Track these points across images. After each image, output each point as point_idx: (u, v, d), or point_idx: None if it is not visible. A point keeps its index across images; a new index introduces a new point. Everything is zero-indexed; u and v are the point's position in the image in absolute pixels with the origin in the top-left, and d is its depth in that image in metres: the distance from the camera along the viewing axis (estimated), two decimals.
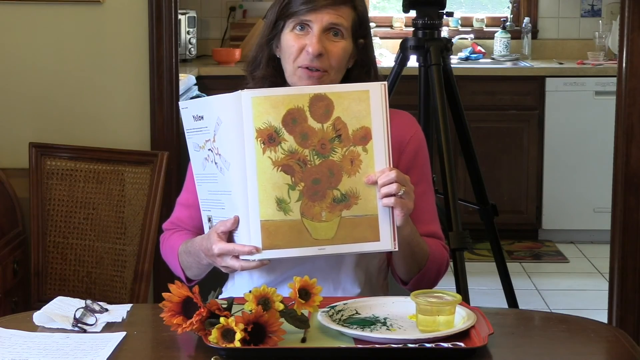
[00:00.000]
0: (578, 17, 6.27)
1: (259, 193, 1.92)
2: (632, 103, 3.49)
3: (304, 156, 1.93)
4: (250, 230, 1.94)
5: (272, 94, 1.93)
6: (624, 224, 3.53)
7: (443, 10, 3.75)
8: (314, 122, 1.93)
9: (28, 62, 3.47)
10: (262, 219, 1.93)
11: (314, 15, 2.13)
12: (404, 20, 6.25)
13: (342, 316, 1.94)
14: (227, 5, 6.21)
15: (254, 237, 1.93)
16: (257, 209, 1.93)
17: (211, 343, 1.76)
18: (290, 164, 1.93)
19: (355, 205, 1.95)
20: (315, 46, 2.12)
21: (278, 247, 1.94)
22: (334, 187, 1.94)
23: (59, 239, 3.26)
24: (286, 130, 1.92)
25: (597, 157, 5.64)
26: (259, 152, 1.92)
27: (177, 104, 3.50)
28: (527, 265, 5.42)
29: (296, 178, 1.93)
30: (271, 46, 2.22)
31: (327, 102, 1.93)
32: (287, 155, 1.92)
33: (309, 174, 1.93)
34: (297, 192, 1.93)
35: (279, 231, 1.93)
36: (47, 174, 3.27)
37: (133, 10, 3.44)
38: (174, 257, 2.23)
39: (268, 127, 1.91)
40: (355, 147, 1.94)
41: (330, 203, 1.94)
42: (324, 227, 1.94)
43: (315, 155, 1.93)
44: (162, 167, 3.19)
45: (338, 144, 1.94)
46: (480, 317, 1.91)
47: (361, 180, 1.95)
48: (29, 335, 1.89)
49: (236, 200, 1.95)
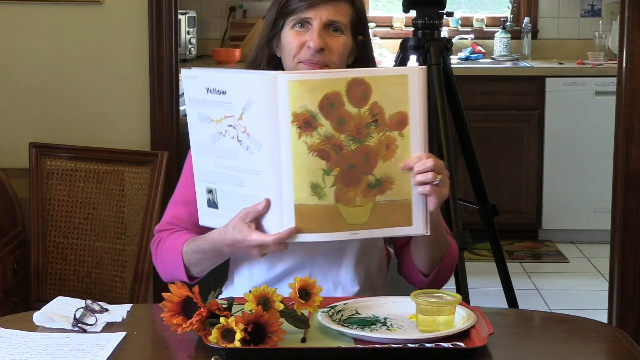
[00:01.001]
0: (578, 17, 6.27)
1: (294, 177, 1.89)
2: (632, 103, 3.49)
3: (340, 141, 1.89)
4: (283, 214, 1.91)
5: (309, 78, 1.89)
6: (624, 224, 3.53)
7: (443, 10, 3.75)
8: (350, 106, 1.89)
9: (28, 62, 3.47)
10: (296, 202, 1.90)
11: (313, 11, 2.15)
12: (404, 20, 6.25)
13: (342, 316, 1.94)
14: (227, 5, 6.21)
15: (287, 221, 1.91)
16: (291, 192, 1.90)
17: (211, 343, 1.76)
18: (326, 149, 1.89)
19: (389, 190, 1.92)
20: (316, 41, 2.14)
21: (311, 231, 1.92)
22: (368, 173, 1.91)
23: (59, 239, 3.26)
24: (323, 114, 1.88)
25: (597, 157, 5.64)
26: (295, 136, 1.88)
27: (177, 104, 3.51)
28: (527, 265, 5.42)
29: (331, 163, 1.90)
30: (271, 46, 2.23)
31: (365, 86, 1.89)
32: (323, 140, 1.89)
33: (344, 159, 1.90)
34: (332, 178, 1.90)
35: (312, 215, 1.91)
36: (47, 174, 3.27)
37: (133, 10, 3.44)
38: (175, 257, 2.19)
39: (304, 111, 1.87)
40: (392, 132, 1.91)
41: (365, 188, 1.91)
42: (358, 212, 1.92)
43: (351, 141, 1.90)
44: (162, 167, 3.19)
45: (374, 129, 1.90)
46: (480, 317, 1.91)
47: (396, 165, 1.92)
48: (29, 335, 1.89)
49: (267, 182, 1.92)
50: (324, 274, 2.18)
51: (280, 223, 1.92)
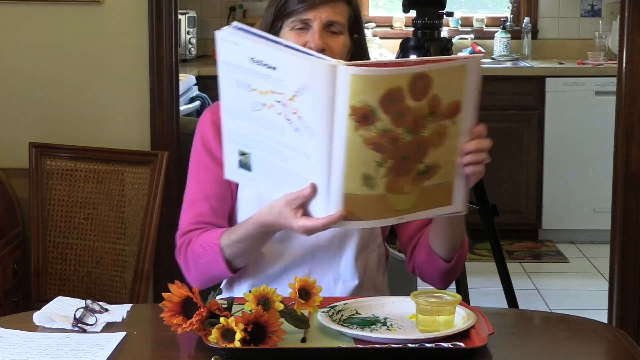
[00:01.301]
0: (578, 17, 6.27)
1: (345, 168, 1.86)
2: (632, 103, 3.49)
3: (396, 134, 1.85)
4: (330, 201, 1.89)
5: (371, 73, 1.82)
6: (624, 224, 3.53)
7: (443, 10, 3.75)
8: (411, 100, 1.84)
9: (28, 62, 3.47)
10: (345, 192, 1.88)
11: (313, 12, 2.16)
12: (404, 20, 6.25)
13: (342, 316, 1.94)
14: (227, 5, 6.22)
15: (333, 208, 1.89)
16: (341, 182, 1.87)
17: (211, 343, 1.76)
18: (381, 142, 1.85)
19: (436, 175, 1.90)
20: (318, 41, 2.15)
21: (358, 219, 1.90)
22: (419, 162, 1.88)
23: (59, 239, 3.26)
24: (382, 109, 1.83)
25: (597, 157, 5.64)
26: (351, 129, 1.83)
27: (177, 104, 3.51)
28: (527, 265, 5.42)
29: (385, 155, 1.86)
30: None
31: (427, 80, 1.83)
32: (379, 134, 1.84)
33: (398, 151, 1.86)
34: (385, 169, 1.87)
35: (360, 204, 1.88)
36: (47, 174, 3.27)
37: (133, 10, 3.44)
38: (213, 254, 2.14)
39: (364, 105, 1.82)
40: (445, 121, 1.87)
41: (414, 176, 1.88)
42: (406, 199, 1.90)
43: (407, 133, 1.85)
44: (162, 167, 3.19)
45: (431, 120, 1.86)
46: (480, 317, 1.91)
47: (444, 151, 1.89)
48: (29, 335, 1.89)
49: (316, 167, 1.89)
50: (325, 267, 2.19)
51: (326, 209, 1.90)
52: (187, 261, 2.19)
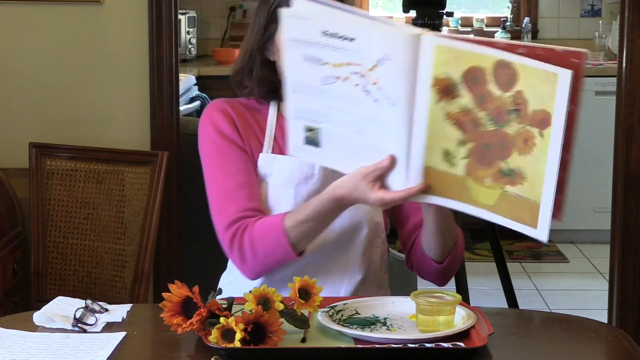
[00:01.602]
0: (578, 17, 6.27)
1: (427, 139, 1.84)
2: (632, 103, 3.49)
3: (478, 117, 1.81)
4: (410, 173, 1.87)
5: (457, 47, 1.79)
6: (624, 224, 3.53)
7: (443, 10, 3.75)
8: (494, 87, 1.79)
9: (28, 62, 3.47)
10: (426, 164, 1.86)
11: None
12: (404, 20, 6.25)
13: (342, 316, 1.94)
14: (227, 5, 6.22)
15: (413, 180, 1.87)
16: (422, 153, 1.85)
17: (211, 343, 1.76)
18: (463, 120, 1.81)
19: (520, 185, 1.82)
20: None
21: (438, 195, 1.88)
22: (502, 159, 1.82)
23: (59, 239, 3.26)
24: (465, 86, 1.79)
25: (597, 157, 5.64)
26: (433, 100, 1.81)
27: (177, 104, 3.51)
28: (527, 265, 5.42)
29: (467, 136, 1.82)
30: (263, 51, 2.23)
31: (512, 72, 1.77)
32: (462, 111, 1.81)
33: (480, 136, 1.82)
34: (466, 150, 1.83)
35: (439, 180, 1.86)
36: (47, 174, 3.27)
37: (133, 10, 3.44)
38: (275, 238, 2.09)
39: (447, 77, 1.80)
40: (532, 128, 1.79)
41: (496, 172, 1.83)
42: (485, 193, 1.85)
43: (490, 121, 1.81)
44: (162, 167, 3.19)
45: (515, 118, 1.80)
46: (480, 317, 1.91)
47: (531, 163, 1.81)
48: (29, 335, 1.89)
49: (396, 139, 1.86)
50: (333, 261, 2.20)
51: (405, 181, 1.88)
52: (242, 251, 2.14)
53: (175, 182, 3.45)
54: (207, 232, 2.43)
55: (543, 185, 1.81)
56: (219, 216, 2.18)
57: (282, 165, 2.22)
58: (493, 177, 1.84)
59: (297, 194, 2.19)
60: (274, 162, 2.22)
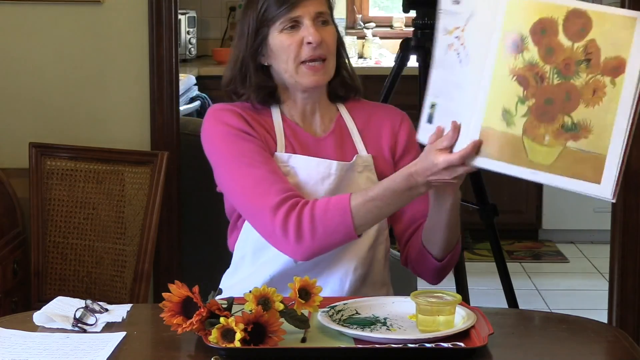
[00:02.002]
0: None
1: (488, 97, 1.81)
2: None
3: (544, 72, 1.77)
4: (469, 133, 1.85)
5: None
6: (624, 224, 3.53)
7: None
8: (564, 38, 1.74)
9: (28, 62, 3.47)
10: (484, 124, 1.83)
11: (301, 9, 2.17)
12: (404, 20, 6.25)
13: (342, 316, 1.94)
14: (227, 5, 6.22)
15: (469, 140, 1.85)
16: (483, 113, 1.82)
17: (211, 343, 1.76)
18: (527, 76, 1.78)
19: (584, 138, 1.76)
20: (316, 35, 2.17)
21: (492, 157, 1.85)
22: (566, 113, 1.77)
23: (59, 239, 3.26)
24: (532, 39, 1.76)
25: None
26: (500, 55, 1.78)
27: (177, 104, 3.51)
28: (527, 265, 5.42)
29: (528, 92, 1.78)
30: (256, 57, 2.23)
31: (585, 20, 1.72)
32: (526, 66, 1.77)
33: (543, 92, 1.78)
34: (526, 107, 1.79)
35: (496, 141, 1.83)
36: (47, 174, 3.27)
37: (133, 10, 3.44)
38: (341, 215, 2.05)
39: (515, 31, 1.77)
40: (603, 77, 1.74)
41: (558, 128, 1.78)
42: (544, 152, 1.80)
43: (556, 74, 1.76)
44: (162, 167, 3.19)
45: (584, 69, 1.74)
46: (480, 317, 1.91)
47: (599, 114, 1.74)
48: (29, 335, 1.89)
49: (466, 99, 1.85)
50: (338, 258, 2.19)
51: (464, 141, 1.87)
52: (300, 229, 2.08)
53: (175, 182, 3.45)
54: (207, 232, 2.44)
55: (611, 137, 1.74)
56: (260, 203, 2.11)
57: (298, 164, 2.21)
58: (554, 134, 1.79)
59: (314, 194, 2.18)
60: (290, 161, 2.21)
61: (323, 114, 2.30)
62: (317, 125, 2.29)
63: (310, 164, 2.20)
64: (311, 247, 2.08)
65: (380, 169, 2.26)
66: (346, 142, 2.27)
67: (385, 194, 2.05)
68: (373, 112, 2.33)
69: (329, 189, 2.19)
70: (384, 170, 2.25)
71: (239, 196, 2.16)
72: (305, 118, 2.28)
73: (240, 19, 2.27)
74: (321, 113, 2.29)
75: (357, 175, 2.23)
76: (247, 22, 2.23)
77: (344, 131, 2.29)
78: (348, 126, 2.30)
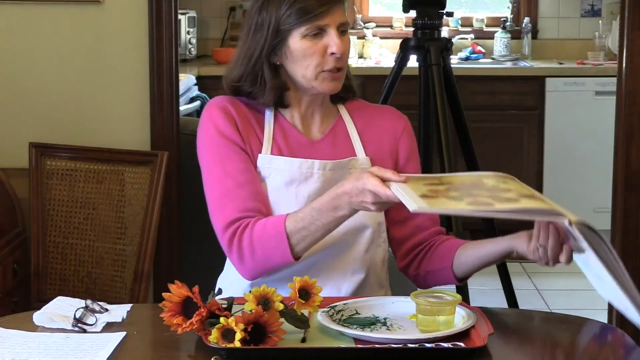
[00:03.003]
0: (578, 17, 6.27)
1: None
2: (632, 103, 3.49)
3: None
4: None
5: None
6: (624, 224, 3.53)
7: (443, 10, 3.75)
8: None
9: (28, 62, 3.47)
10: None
11: (329, 18, 2.15)
12: (404, 20, 6.25)
13: (342, 316, 1.94)
14: (227, 5, 6.21)
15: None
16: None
17: (211, 343, 1.76)
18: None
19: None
20: (341, 46, 2.16)
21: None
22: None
23: (59, 239, 3.26)
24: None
25: (597, 157, 5.64)
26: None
27: (177, 104, 3.51)
28: (527, 265, 5.42)
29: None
30: (270, 56, 2.21)
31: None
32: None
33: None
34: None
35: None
36: (47, 174, 3.27)
37: (133, 10, 3.44)
38: (277, 240, 2.07)
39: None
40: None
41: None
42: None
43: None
44: (162, 167, 3.19)
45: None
46: (480, 317, 1.91)
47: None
48: (29, 335, 1.89)
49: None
50: (336, 260, 2.20)
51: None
52: (241, 252, 2.11)
53: (175, 182, 3.44)
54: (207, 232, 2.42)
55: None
56: (218, 216, 2.17)
57: (280, 166, 2.20)
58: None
59: (298, 195, 2.19)
60: (272, 163, 2.21)
61: (323, 116, 2.29)
62: (316, 128, 2.28)
63: (293, 165, 2.20)
64: (253, 269, 2.12)
65: None
66: (342, 144, 2.27)
67: (312, 214, 2.06)
68: (374, 115, 2.33)
69: (314, 188, 2.19)
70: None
71: (208, 202, 2.21)
72: (304, 120, 2.28)
73: (254, 10, 2.21)
74: (321, 115, 2.29)
75: (339, 173, 2.23)
76: (266, 19, 2.18)
77: (341, 133, 2.29)
78: (347, 128, 2.29)
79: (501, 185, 1.90)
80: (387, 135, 2.30)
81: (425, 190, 1.85)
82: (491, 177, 1.94)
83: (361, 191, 1.95)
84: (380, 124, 2.31)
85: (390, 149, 2.29)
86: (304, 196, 2.18)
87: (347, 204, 2.00)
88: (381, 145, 2.29)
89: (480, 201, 1.80)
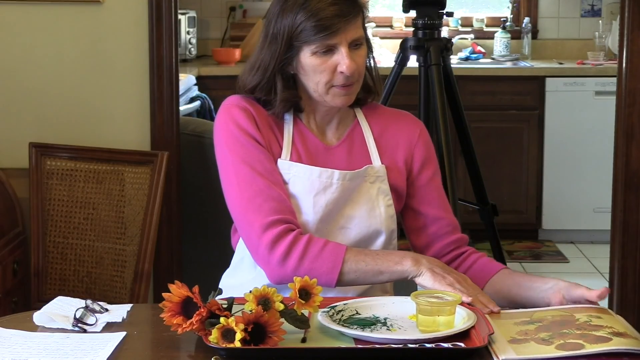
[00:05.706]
0: (578, 17, 6.27)
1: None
2: (632, 103, 3.49)
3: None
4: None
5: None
6: (624, 224, 3.53)
7: (443, 10, 3.76)
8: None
9: (28, 62, 3.47)
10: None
11: (339, 37, 2.13)
12: (404, 20, 6.25)
13: (342, 316, 1.93)
14: (227, 5, 6.22)
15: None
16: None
17: (211, 343, 1.76)
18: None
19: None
20: (351, 65, 2.13)
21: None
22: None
23: (59, 239, 3.26)
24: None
25: (597, 157, 5.64)
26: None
27: (177, 104, 3.51)
28: (527, 265, 5.42)
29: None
30: (284, 66, 2.19)
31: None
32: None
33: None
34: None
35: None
36: (47, 174, 3.27)
37: (133, 10, 3.44)
38: (332, 262, 2.08)
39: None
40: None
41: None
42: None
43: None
44: (162, 167, 3.19)
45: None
46: (480, 317, 1.91)
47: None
48: (29, 335, 1.89)
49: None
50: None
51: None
52: (287, 258, 2.09)
53: (175, 182, 3.45)
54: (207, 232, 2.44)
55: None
56: (253, 216, 2.12)
57: (299, 173, 2.19)
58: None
59: (316, 204, 2.17)
60: (292, 170, 2.19)
61: (339, 121, 2.27)
62: (332, 133, 2.27)
63: (313, 173, 2.18)
64: (289, 276, 2.06)
65: (393, 180, 2.25)
66: (358, 151, 2.26)
67: (378, 253, 2.10)
68: (390, 121, 2.32)
69: (332, 198, 2.18)
70: (396, 182, 2.25)
71: (235, 203, 2.16)
72: (321, 125, 2.26)
73: (273, 17, 2.18)
74: (338, 120, 2.27)
75: (368, 185, 2.22)
76: (280, 30, 2.15)
77: (358, 140, 2.27)
78: (364, 134, 2.28)
79: (593, 320, 1.92)
80: (402, 143, 2.28)
81: (515, 333, 1.86)
82: (583, 311, 1.98)
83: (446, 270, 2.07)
84: (396, 131, 2.29)
85: (405, 157, 2.28)
86: (322, 205, 2.17)
87: (421, 263, 2.09)
88: (396, 153, 2.28)
89: (569, 345, 1.79)
